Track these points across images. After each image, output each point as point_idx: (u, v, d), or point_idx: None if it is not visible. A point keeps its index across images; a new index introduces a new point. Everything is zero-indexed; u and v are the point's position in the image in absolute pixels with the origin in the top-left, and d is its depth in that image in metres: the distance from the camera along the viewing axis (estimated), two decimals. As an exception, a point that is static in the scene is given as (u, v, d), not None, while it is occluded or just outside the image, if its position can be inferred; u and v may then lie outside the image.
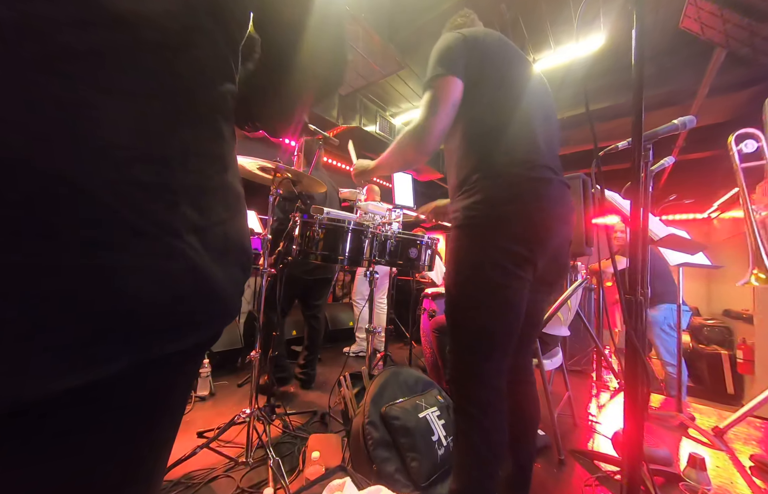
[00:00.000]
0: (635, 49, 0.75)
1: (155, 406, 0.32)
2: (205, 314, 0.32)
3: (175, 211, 0.28)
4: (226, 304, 0.33)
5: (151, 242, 0.26)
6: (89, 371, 0.24)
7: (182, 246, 0.28)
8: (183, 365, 0.34)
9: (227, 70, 0.36)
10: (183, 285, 0.28)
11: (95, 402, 0.27)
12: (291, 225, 1.52)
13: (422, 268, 1.66)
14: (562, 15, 2.74)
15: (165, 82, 0.28)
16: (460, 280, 0.97)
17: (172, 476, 1.30)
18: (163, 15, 0.28)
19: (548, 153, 0.98)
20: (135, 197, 0.25)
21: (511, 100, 0.98)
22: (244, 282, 0.38)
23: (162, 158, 0.27)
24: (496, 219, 0.91)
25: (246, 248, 0.38)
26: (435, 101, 0.95)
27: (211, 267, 0.31)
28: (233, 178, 0.36)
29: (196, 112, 0.31)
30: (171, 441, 0.37)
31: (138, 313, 0.26)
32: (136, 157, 0.26)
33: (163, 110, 0.28)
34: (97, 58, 0.24)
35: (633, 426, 0.72)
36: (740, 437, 1.87)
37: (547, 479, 1.45)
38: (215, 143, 0.33)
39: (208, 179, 0.32)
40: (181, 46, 0.29)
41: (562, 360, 1.87)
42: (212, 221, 0.32)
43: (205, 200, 0.31)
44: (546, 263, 0.96)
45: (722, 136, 1.98)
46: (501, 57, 1.01)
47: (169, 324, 0.28)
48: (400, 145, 1.02)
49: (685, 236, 1.80)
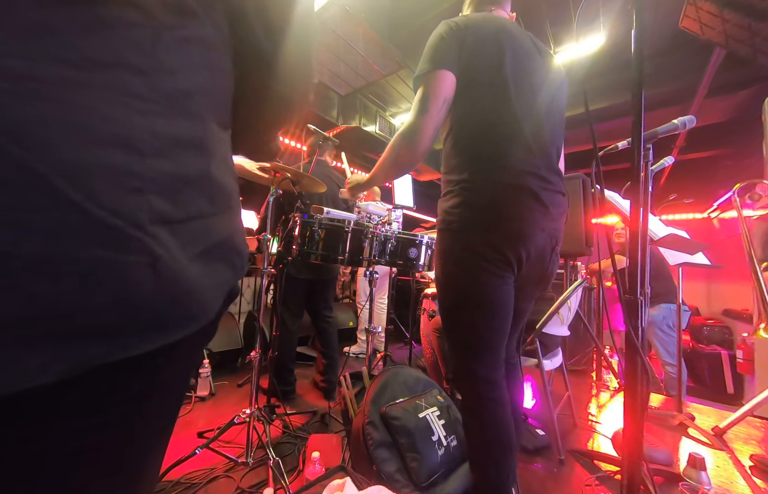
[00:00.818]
0: (635, 49, 0.75)
1: (133, 412, 0.30)
2: (173, 314, 0.28)
3: (138, 199, 0.25)
4: (198, 304, 0.30)
5: (105, 232, 0.23)
6: (21, 376, 0.21)
7: (144, 238, 0.25)
8: (160, 368, 0.31)
9: (218, 55, 0.33)
10: (143, 282, 0.25)
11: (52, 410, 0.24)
12: (291, 225, 1.52)
13: (422, 268, 1.66)
14: (562, 15, 2.74)
15: (141, 62, 0.26)
16: (445, 281, 1.00)
17: (172, 476, 1.30)
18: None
19: (540, 158, 0.96)
20: (88, 181, 0.22)
21: (504, 98, 0.94)
22: (232, 282, 0.35)
23: (126, 141, 0.25)
24: (474, 224, 0.93)
25: (237, 246, 0.35)
26: (425, 98, 0.92)
27: (186, 264, 0.28)
28: (221, 171, 0.33)
29: (176, 96, 0.28)
30: (160, 446, 0.35)
31: (85, 312, 0.23)
32: (93, 138, 0.23)
33: (131, 91, 0.25)
34: (63, 33, 0.22)
35: (633, 426, 0.72)
36: (740, 437, 1.87)
37: (547, 479, 1.45)
38: (197, 130, 0.31)
39: (187, 168, 0.29)
40: (164, 27, 0.27)
41: (562, 360, 1.87)
42: (189, 215, 0.29)
43: (181, 191, 0.28)
44: (529, 265, 0.97)
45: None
46: (497, 48, 0.95)
47: (127, 324, 0.25)
48: (393, 149, 0.99)
49: (684, 236, 1.80)
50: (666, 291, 2.59)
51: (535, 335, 1.60)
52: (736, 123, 3.49)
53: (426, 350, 2.17)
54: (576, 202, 2.43)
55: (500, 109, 0.95)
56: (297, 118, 0.51)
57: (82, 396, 0.26)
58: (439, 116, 0.94)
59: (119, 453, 0.30)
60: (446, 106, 0.94)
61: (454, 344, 1.02)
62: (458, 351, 1.01)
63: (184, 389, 0.39)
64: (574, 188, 2.47)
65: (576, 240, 2.42)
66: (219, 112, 0.34)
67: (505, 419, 0.96)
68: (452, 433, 1.31)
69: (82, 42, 0.23)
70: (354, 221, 1.54)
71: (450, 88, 0.93)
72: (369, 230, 1.56)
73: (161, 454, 0.36)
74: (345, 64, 3.31)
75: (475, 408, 0.97)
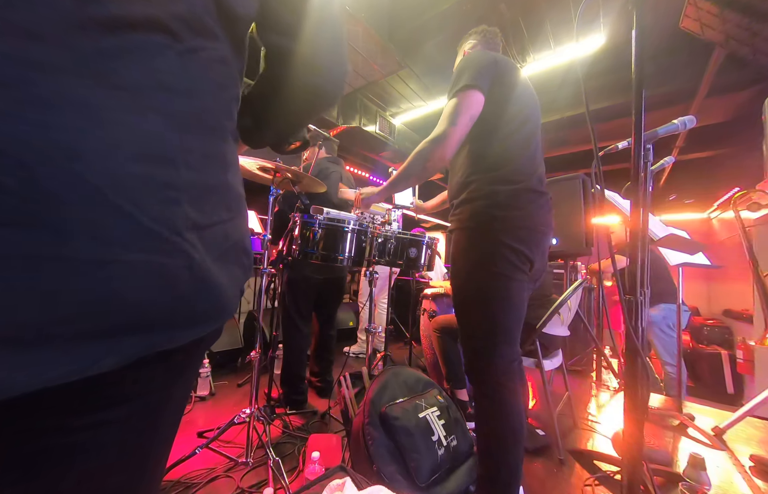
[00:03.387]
0: (635, 49, 0.75)
1: (156, 404, 0.32)
2: (203, 312, 0.31)
3: (176, 208, 0.28)
4: (224, 302, 0.33)
5: (151, 239, 0.26)
6: (84, 366, 0.24)
7: (183, 244, 0.28)
8: (183, 363, 0.34)
9: (232, 72, 0.36)
10: (182, 282, 0.28)
11: (92, 399, 0.26)
12: (291, 225, 1.52)
13: (422, 268, 1.66)
14: (562, 15, 2.73)
15: (169, 83, 0.28)
16: (471, 274, 1.08)
17: (172, 476, 1.29)
18: (169, 18, 0.28)
19: (540, 168, 1.14)
20: (136, 193, 0.25)
21: (518, 119, 1.10)
22: (244, 282, 0.38)
23: (164, 156, 0.27)
24: (502, 220, 1.04)
25: (246, 248, 0.38)
26: (457, 112, 1.03)
27: (211, 266, 0.31)
28: (234, 178, 0.36)
29: (200, 113, 0.31)
30: (171, 439, 0.37)
31: (135, 309, 0.26)
32: (137, 154, 0.26)
33: (166, 110, 0.28)
34: (101, 58, 0.24)
35: (633, 426, 0.72)
36: (740, 437, 1.87)
37: (547, 479, 1.45)
38: (218, 143, 0.34)
39: (210, 178, 0.32)
40: (187, 49, 0.30)
41: (562, 360, 1.86)
42: (213, 221, 0.32)
43: (205, 200, 0.31)
44: (538, 261, 1.09)
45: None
46: (513, 81, 1.12)
47: (168, 321, 0.28)
48: (421, 154, 1.07)
49: (684, 236, 1.80)
50: (666, 291, 2.59)
51: (535, 335, 1.60)
52: (736, 123, 3.48)
53: (426, 351, 2.17)
54: (576, 202, 2.43)
55: (516, 128, 1.10)
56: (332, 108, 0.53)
57: (123, 385, 0.28)
58: (466, 130, 1.05)
59: (145, 442, 0.32)
60: (472, 122, 1.05)
61: (472, 336, 1.09)
62: (477, 343, 1.07)
63: (194, 383, 0.41)
64: (574, 188, 2.47)
65: (576, 240, 2.41)
66: (231, 125, 0.37)
67: (521, 408, 1.04)
68: (452, 433, 1.31)
69: (121, 66, 0.25)
70: (354, 221, 1.54)
71: (479, 108, 1.05)
72: (369, 230, 1.56)
73: (170, 447, 0.38)
74: (345, 64, 3.31)
75: (493, 395, 1.03)
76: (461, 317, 1.13)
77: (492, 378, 1.04)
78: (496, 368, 1.04)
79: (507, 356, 1.05)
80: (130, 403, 0.29)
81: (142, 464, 0.33)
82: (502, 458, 1.01)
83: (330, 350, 2.25)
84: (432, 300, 2.31)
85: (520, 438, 1.02)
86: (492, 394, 1.04)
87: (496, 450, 1.02)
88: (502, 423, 1.02)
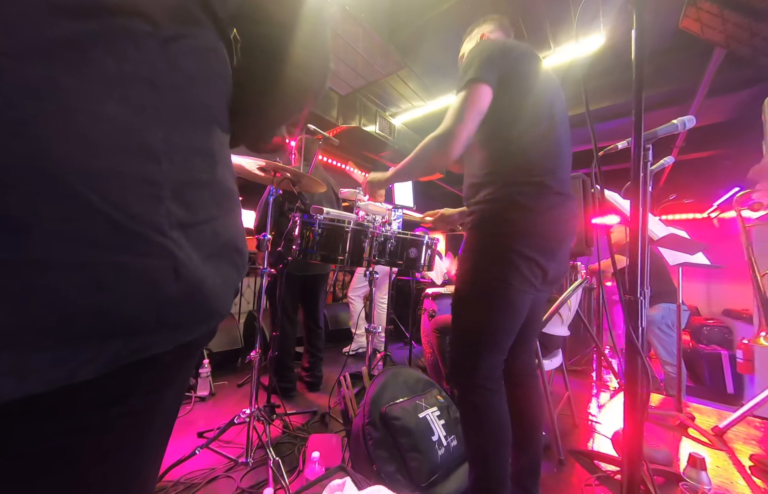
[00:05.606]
0: (635, 50, 0.75)
1: (145, 409, 0.31)
2: (191, 315, 0.30)
3: (158, 205, 0.26)
4: (214, 304, 0.32)
5: (130, 238, 0.24)
6: (62, 375, 0.22)
7: (166, 243, 0.26)
8: (172, 366, 0.32)
9: (219, 61, 0.34)
10: (166, 284, 0.27)
11: (76, 406, 0.25)
12: (291, 225, 1.52)
13: (422, 268, 1.66)
14: (562, 15, 2.73)
15: (149, 73, 0.26)
16: (475, 277, 1.04)
17: (172, 476, 1.30)
18: (152, 5, 0.27)
19: (566, 168, 1.08)
20: (114, 189, 0.24)
21: (536, 114, 1.03)
22: (237, 282, 0.36)
23: (143, 149, 0.26)
24: (516, 225, 0.98)
25: (239, 247, 0.36)
26: (463, 107, 0.97)
27: (199, 266, 0.29)
28: (224, 173, 0.34)
29: (183, 104, 0.29)
30: (163, 445, 0.36)
31: (116, 314, 0.24)
32: (112, 147, 0.24)
33: (144, 101, 0.26)
34: (73, 45, 0.23)
35: (633, 426, 0.72)
36: (740, 437, 1.87)
37: (547, 479, 1.45)
38: (204, 136, 0.32)
39: (196, 173, 0.30)
40: (170, 37, 0.28)
41: (562, 360, 1.86)
42: (200, 218, 0.30)
43: (191, 196, 0.29)
44: (553, 269, 1.03)
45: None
46: (529, 70, 1.04)
47: (152, 326, 0.27)
48: (425, 149, 1.03)
49: (684, 236, 1.80)
50: (665, 291, 2.59)
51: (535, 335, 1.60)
52: (736, 123, 3.48)
53: (426, 350, 2.17)
54: (576, 202, 2.43)
55: (536, 122, 1.03)
56: (313, 105, 0.52)
57: (105, 391, 0.27)
58: (474, 126, 0.98)
59: (137, 444, 0.31)
60: (480, 117, 0.98)
61: (463, 336, 1.06)
62: (465, 347, 1.05)
63: (187, 386, 0.40)
64: (574, 188, 2.46)
65: (576, 240, 2.41)
66: (221, 117, 0.35)
67: (505, 409, 1.02)
68: (452, 433, 1.31)
69: (96, 54, 0.24)
70: (354, 221, 1.54)
71: (487, 102, 0.98)
72: (369, 230, 1.56)
73: (164, 451, 0.37)
74: (345, 64, 3.30)
75: (474, 402, 1.01)
76: (455, 318, 1.10)
77: (478, 382, 1.02)
78: (484, 374, 1.01)
79: (491, 364, 1.03)
80: (117, 407, 0.28)
81: (132, 471, 0.31)
82: (484, 465, 0.99)
83: (316, 345, 2.36)
84: (432, 300, 2.32)
85: (501, 445, 0.99)
86: (473, 400, 1.01)
87: (479, 457, 1.00)
88: (482, 431, 0.99)
